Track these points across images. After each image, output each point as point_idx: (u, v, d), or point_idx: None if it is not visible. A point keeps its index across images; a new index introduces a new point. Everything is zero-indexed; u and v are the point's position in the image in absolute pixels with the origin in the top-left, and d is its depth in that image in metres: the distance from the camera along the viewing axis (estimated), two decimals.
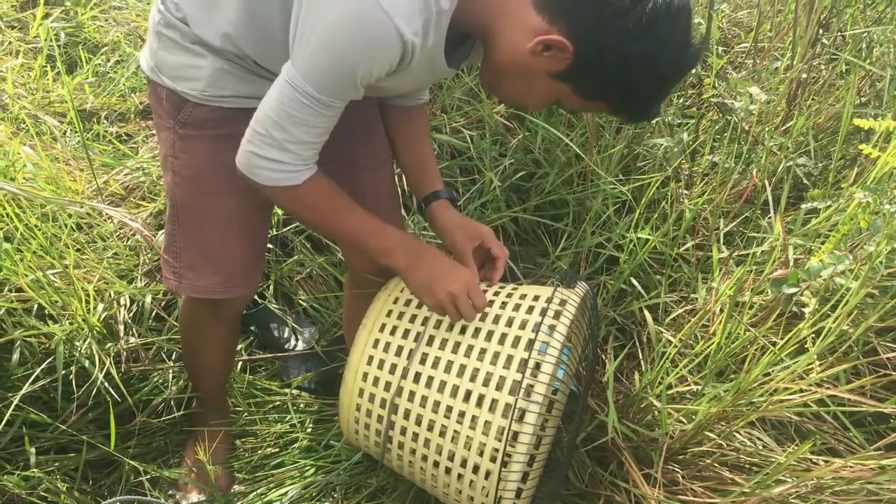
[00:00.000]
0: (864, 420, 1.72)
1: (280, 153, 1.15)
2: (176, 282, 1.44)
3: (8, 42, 2.53)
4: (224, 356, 1.68)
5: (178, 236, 1.42)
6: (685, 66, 1.11)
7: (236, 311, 1.60)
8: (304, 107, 1.10)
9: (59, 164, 2.04)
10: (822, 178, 2.14)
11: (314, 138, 1.17)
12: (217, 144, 1.30)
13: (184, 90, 1.28)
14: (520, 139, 2.12)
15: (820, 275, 1.49)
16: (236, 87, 1.27)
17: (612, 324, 1.92)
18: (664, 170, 2.06)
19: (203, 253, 1.42)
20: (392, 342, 1.37)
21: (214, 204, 1.38)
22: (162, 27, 1.28)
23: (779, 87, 2.28)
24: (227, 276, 1.43)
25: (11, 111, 2.22)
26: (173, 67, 1.29)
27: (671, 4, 1.03)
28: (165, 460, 1.73)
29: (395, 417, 1.35)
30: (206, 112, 1.30)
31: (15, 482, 1.47)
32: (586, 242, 1.98)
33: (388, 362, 1.36)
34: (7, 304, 1.59)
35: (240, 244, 1.43)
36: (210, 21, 1.22)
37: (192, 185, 1.37)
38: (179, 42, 1.26)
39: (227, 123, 1.28)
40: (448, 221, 1.46)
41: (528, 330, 1.29)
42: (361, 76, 1.06)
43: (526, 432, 1.24)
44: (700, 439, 1.55)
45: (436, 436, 1.30)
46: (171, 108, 1.32)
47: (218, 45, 1.23)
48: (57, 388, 1.57)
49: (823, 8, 2.24)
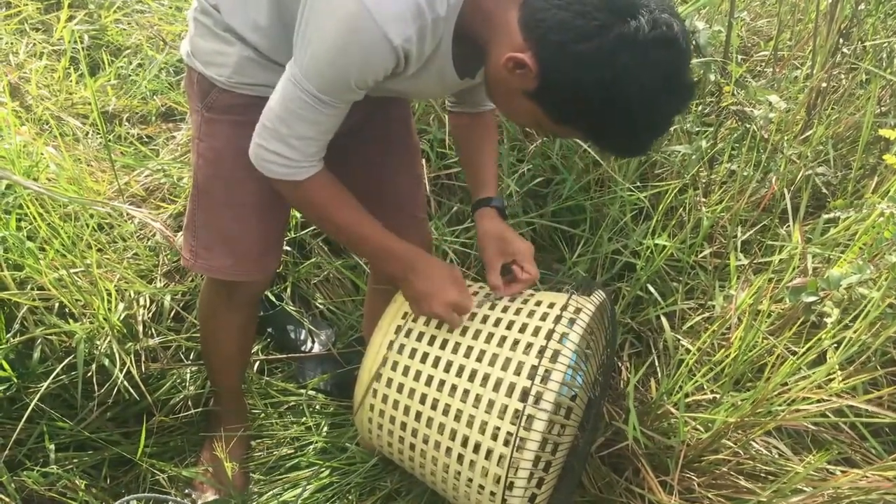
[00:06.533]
0: (882, 430, 1.71)
1: (284, 147, 1.18)
2: (192, 259, 1.48)
3: (32, 44, 2.57)
4: (239, 344, 1.68)
5: (197, 216, 1.46)
6: (662, 104, 1.04)
7: (251, 298, 1.61)
8: (306, 104, 1.13)
9: (81, 164, 2.06)
10: (841, 188, 2.13)
11: (317, 135, 1.19)
12: (239, 130, 1.32)
13: (212, 75, 1.33)
14: (538, 145, 2.13)
15: (840, 284, 1.48)
16: (261, 76, 1.30)
17: (629, 331, 1.92)
18: (682, 177, 2.06)
19: (218, 234, 1.45)
20: (406, 344, 1.38)
21: (233, 188, 1.41)
22: (198, 13, 1.33)
23: (798, 96, 2.27)
24: (239, 259, 1.46)
25: (35, 112, 2.25)
26: (205, 53, 1.33)
27: (643, 34, 0.97)
28: (182, 459, 1.74)
29: (406, 418, 1.36)
30: (231, 98, 1.34)
31: (34, 478, 1.48)
32: (603, 249, 1.98)
33: (401, 364, 1.37)
34: (29, 302, 1.61)
35: (255, 229, 1.46)
36: (241, 10, 1.26)
37: (213, 167, 1.41)
38: (212, 29, 1.30)
39: (250, 111, 1.29)
40: (487, 231, 1.48)
41: (540, 336, 1.29)
42: (356, 81, 1.09)
43: (541, 419, 1.23)
44: (717, 447, 1.55)
45: (450, 420, 1.31)
46: (200, 92, 1.37)
47: (246, 34, 1.26)
48: (77, 386, 1.59)
49: (844, 17, 2.23)
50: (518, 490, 1.26)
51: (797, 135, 2.20)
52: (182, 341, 1.84)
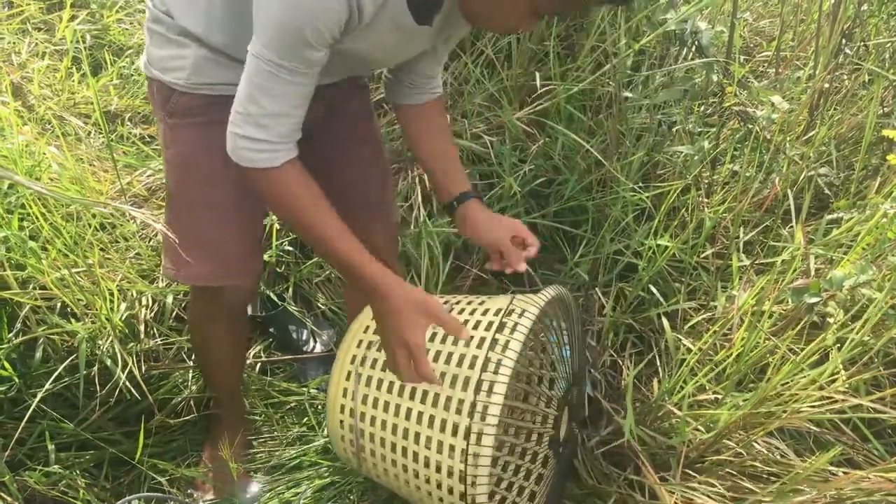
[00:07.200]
0: (884, 432, 1.70)
1: (258, 130, 1.14)
2: (173, 270, 1.45)
3: (35, 44, 2.56)
4: (230, 350, 1.66)
5: (174, 225, 1.43)
6: None
7: (237, 302, 1.59)
8: (271, 75, 1.11)
9: (83, 164, 2.06)
10: (843, 189, 2.13)
11: (288, 108, 1.15)
12: (203, 131, 1.32)
13: (170, 80, 1.32)
14: (540, 145, 2.13)
15: (843, 285, 1.48)
16: (220, 74, 1.30)
17: (630, 331, 1.92)
18: (684, 178, 2.06)
19: (197, 241, 1.41)
20: (362, 373, 1.39)
21: (204, 191, 1.39)
22: (151, 23, 1.33)
23: (801, 97, 2.27)
24: (220, 264, 1.44)
25: (38, 112, 2.25)
26: (162, 60, 1.33)
27: None
28: (185, 459, 1.75)
29: (372, 445, 1.39)
30: (191, 100, 1.33)
31: (36, 478, 1.48)
32: (605, 249, 1.98)
33: (359, 392, 1.39)
34: (31, 302, 1.61)
35: (233, 231, 1.44)
36: (193, 9, 1.26)
37: (181, 172, 1.40)
38: (166, 35, 1.30)
39: (212, 110, 1.29)
40: (487, 222, 1.47)
41: (484, 349, 1.29)
42: (311, 35, 1.07)
43: (489, 433, 1.22)
44: (718, 448, 1.55)
45: (411, 443, 1.33)
46: (161, 99, 1.36)
47: (201, 33, 1.26)
48: (79, 386, 1.59)
49: (847, 17, 2.22)
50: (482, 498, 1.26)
51: (800, 135, 2.19)
52: (184, 342, 1.84)
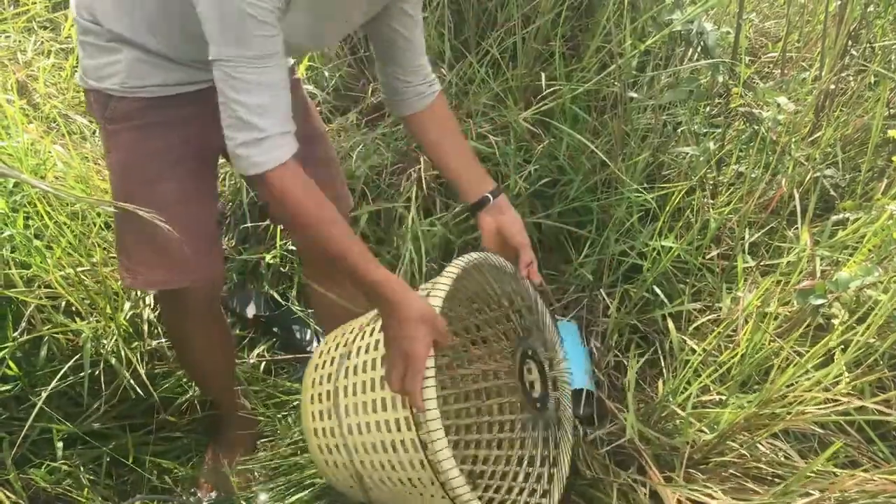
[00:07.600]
0: (889, 434, 1.70)
1: (249, 132, 1.12)
2: (131, 279, 1.44)
3: (40, 42, 2.57)
4: (210, 349, 1.62)
5: (124, 232, 1.43)
6: None
7: (205, 301, 1.54)
8: (237, 71, 1.09)
9: (88, 163, 2.07)
10: (849, 190, 2.12)
11: (270, 99, 1.13)
12: (141, 133, 1.32)
13: (106, 87, 1.32)
14: (545, 145, 2.12)
15: (849, 287, 1.47)
16: (154, 75, 1.30)
17: (635, 332, 1.91)
18: (689, 178, 2.05)
19: (149, 245, 1.38)
20: (322, 410, 1.36)
21: (148, 193, 1.35)
22: (82, 35, 1.32)
23: (807, 98, 2.26)
24: (173, 267, 1.41)
25: (43, 110, 2.25)
26: (96, 69, 1.32)
27: None
28: (189, 458, 1.75)
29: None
30: (127, 104, 1.33)
31: (41, 475, 1.49)
32: (610, 250, 1.98)
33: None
34: (36, 301, 1.61)
35: (183, 230, 1.35)
36: (121, 12, 1.26)
37: (123, 178, 1.39)
38: (97, 44, 1.30)
39: (149, 113, 1.30)
40: (515, 223, 1.52)
41: None
42: (252, 9, 1.06)
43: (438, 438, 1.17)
44: (722, 449, 1.54)
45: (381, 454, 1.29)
46: (99, 107, 1.36)
47: (132, 35, 1.26)
48: (83, 384, 1.59)
49: (853, 19, 2.22)
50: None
51: (805, 137, 2.19)
52: None
